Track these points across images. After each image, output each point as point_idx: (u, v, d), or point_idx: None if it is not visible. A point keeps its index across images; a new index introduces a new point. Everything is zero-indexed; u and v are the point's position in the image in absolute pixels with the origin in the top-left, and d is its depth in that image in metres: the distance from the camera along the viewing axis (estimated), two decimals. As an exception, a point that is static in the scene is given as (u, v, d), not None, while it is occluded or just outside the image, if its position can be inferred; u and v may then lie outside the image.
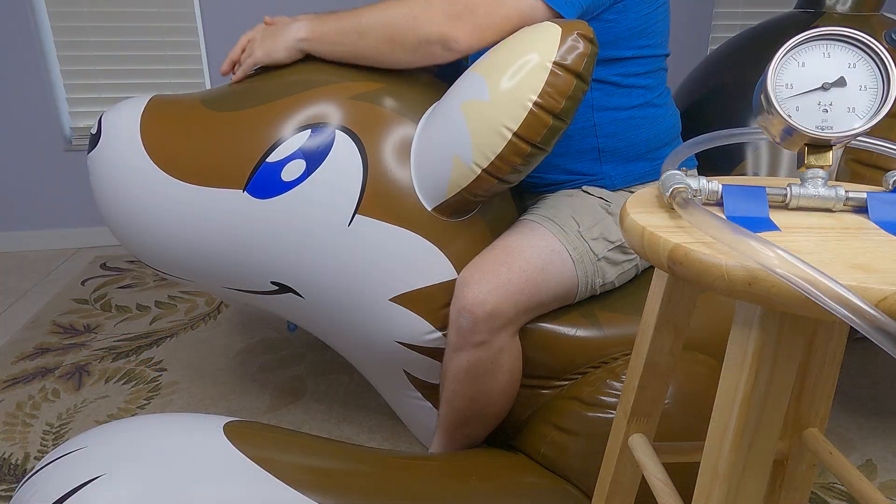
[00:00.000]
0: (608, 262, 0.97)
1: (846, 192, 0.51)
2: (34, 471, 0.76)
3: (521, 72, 0.82)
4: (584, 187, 1.04)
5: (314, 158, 0.91)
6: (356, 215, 0.91)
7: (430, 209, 0.93)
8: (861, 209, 0.51)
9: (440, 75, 1.03)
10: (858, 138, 0.55)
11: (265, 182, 0.91)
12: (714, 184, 0.50)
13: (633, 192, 1.03)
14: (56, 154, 2.19)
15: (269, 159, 0.91)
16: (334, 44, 0.93)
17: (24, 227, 2.24)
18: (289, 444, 0.86)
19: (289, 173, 0.90)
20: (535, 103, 0.81)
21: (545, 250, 0.92)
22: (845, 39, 0.49)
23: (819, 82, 0.49)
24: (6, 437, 1.22)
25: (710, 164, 1.18)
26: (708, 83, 1.31)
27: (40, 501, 0.71)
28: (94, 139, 0.98)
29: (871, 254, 0.42)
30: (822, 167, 0.50)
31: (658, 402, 0.64)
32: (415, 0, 0.87)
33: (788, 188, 0.50)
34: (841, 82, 0.49)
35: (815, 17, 1.24)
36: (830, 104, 0.49)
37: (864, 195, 0.50)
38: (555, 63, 0.81)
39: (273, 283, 0.97)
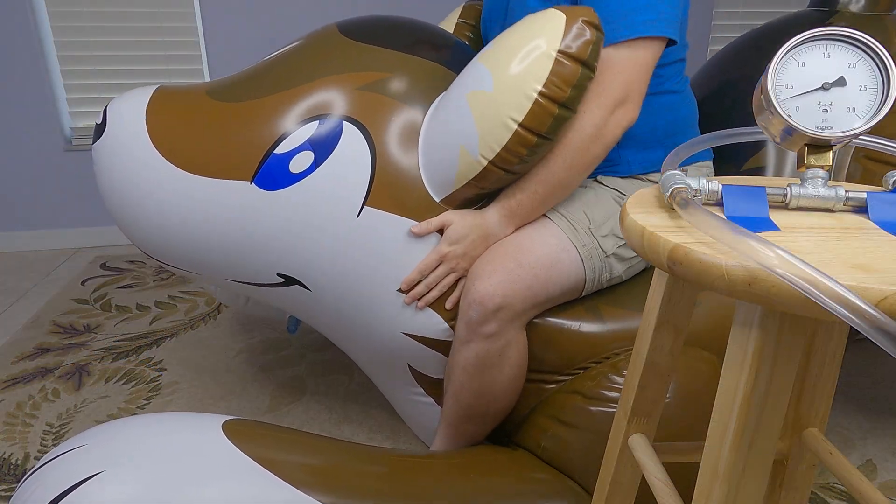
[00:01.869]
0: (617, 258, 0.98)
1: (846, 192, 0.51)
2: (34, 468, 0.76)
3: (525, 61, 0.80)
4: (599, 177, 1.04)
5: (322, 150, 0.90)
6: (365, 207, 0.91)
7: (438, 200, 0.93)
8: (861, 209, 0.51)
9: (450, 64, 1.02)
10: (859, 137, 0.55)
11: (273, 174, 0.90)
12: (714, 184, 0.51)
13: (646, 181, 1.04)
14: (56, 154, 2.19)
15: (277, 151, 0.90)
16: (544, 208, 0.95)
17: (24, 227, 2.24)
18: (288, 442, 0.86)
19: (297, 165, 0.90)
20: (540, 93, 0.80)
21: (555, 248, 0.93)
22: (845, 39, 0.49)
23: (819, 82, 0.49)
24: (6, 437, 1.22)
25: (728, 154, 1.17)
26: (719, 79, 1.31)
27: (40, 498, 0.71)
28: (100, 129, 0.97)
29: (871, 254, 0.42)
30: (822, 167, 0.50)
31: (658, 401, 0.64)
32: (581, 124, 0.87)
33: (788, 188, 0.50)
34: (841, 82, 0.49)
35: (828, 15, 1.22)
36: (830, 104, 0.49)
37: (864, 195, 0.50)
38: (560, 51, 0.80)
39: (280, 275, 0.97)
